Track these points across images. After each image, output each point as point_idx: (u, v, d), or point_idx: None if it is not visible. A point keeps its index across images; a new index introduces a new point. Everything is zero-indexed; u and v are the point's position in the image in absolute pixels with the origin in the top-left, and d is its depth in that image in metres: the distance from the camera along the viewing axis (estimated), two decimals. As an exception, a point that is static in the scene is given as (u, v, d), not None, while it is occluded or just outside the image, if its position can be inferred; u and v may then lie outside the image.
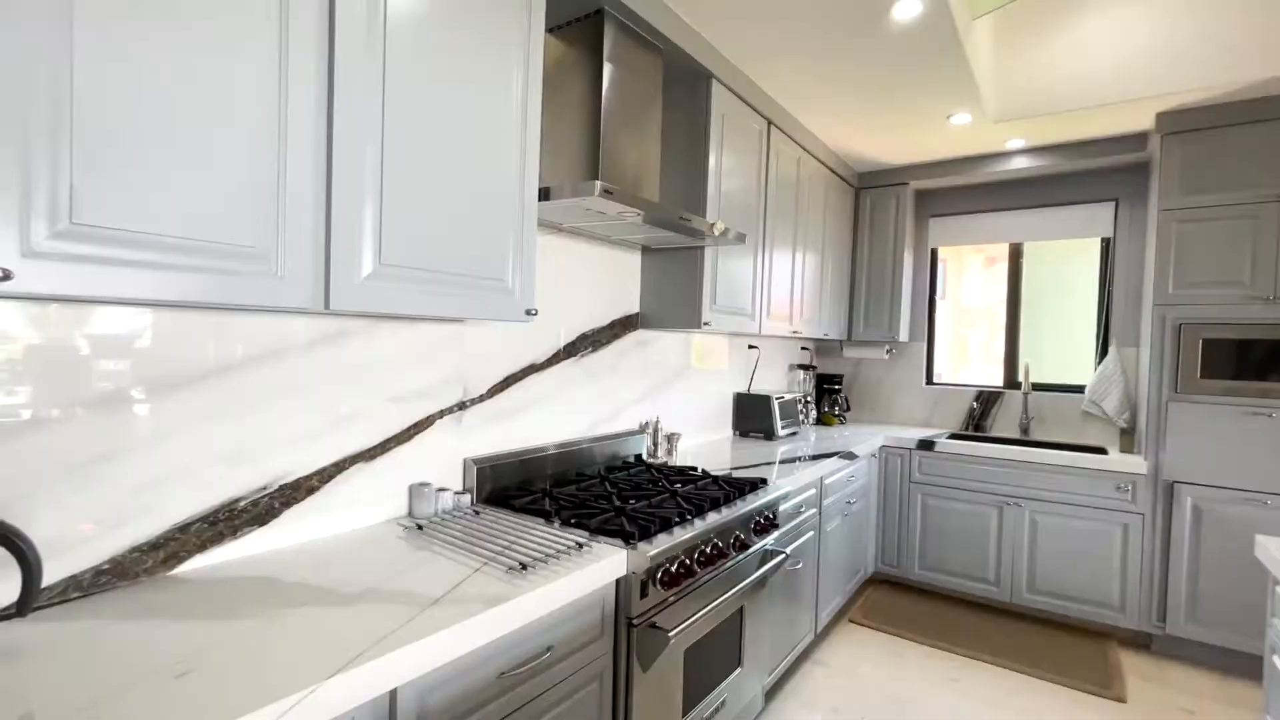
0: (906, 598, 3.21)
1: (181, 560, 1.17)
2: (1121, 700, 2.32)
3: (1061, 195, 3.36)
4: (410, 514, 1.56)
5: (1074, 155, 3.09)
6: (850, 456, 2.75)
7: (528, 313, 1.45)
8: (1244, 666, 2.52)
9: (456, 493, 1.63)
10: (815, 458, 2.56)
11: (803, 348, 3.91)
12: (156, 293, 0.86)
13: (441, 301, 1.25)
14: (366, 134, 1.10)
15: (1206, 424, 2.56)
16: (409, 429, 1.56)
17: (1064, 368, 3.45)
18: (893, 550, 3.30)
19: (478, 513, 1.59)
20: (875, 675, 2.47)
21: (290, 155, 1.00)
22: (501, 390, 1.83)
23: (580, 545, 1.34)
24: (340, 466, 1.41)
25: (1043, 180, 3.41)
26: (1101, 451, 3.01)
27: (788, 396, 3.22)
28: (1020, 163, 3.22)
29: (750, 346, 3.28)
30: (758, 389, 3.31)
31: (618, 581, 1.35)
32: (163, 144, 0.86)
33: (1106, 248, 3.31)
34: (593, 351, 2.18)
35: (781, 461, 2.47)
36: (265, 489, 1.28)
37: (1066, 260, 3.48)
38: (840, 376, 3.83)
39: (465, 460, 1.71)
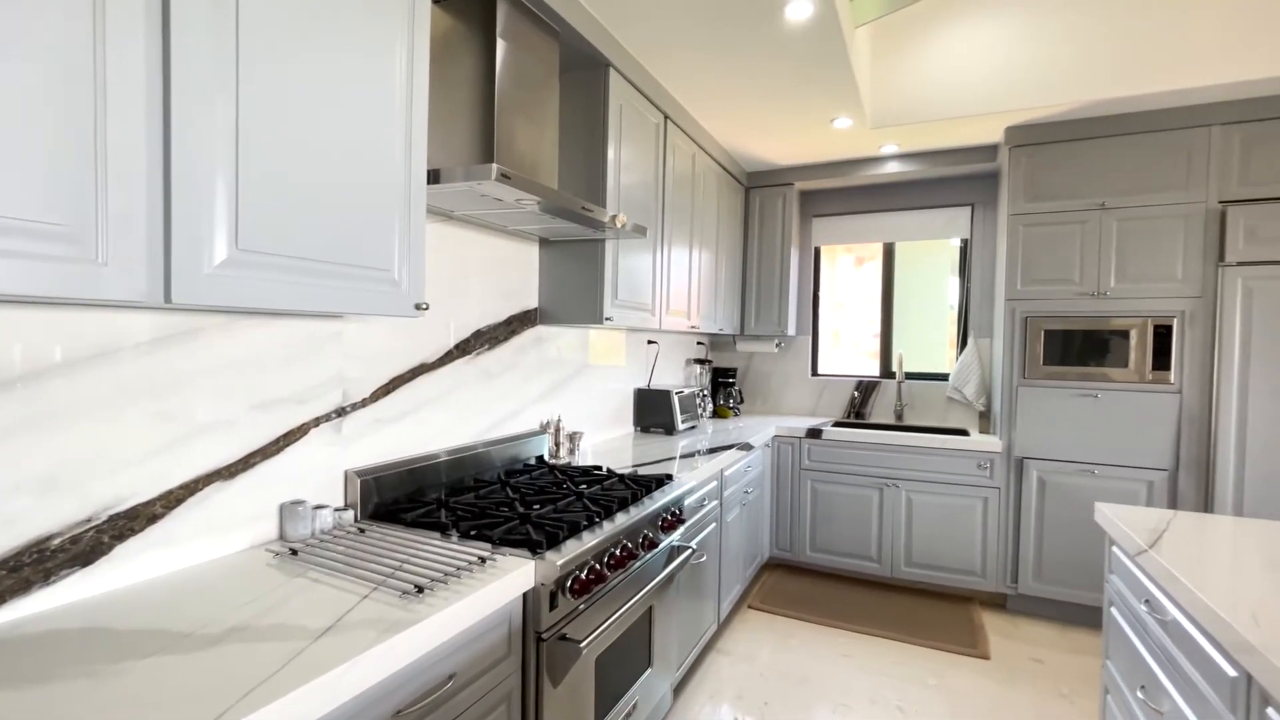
0: (800, 580, 3.36)
1: (-28, 617, 0.93)
2: (986, 657, 2.57)
3: (927, 199, 3.66)
4: (282, 537, 1.37)
5: (938, 162, 3.37)
6: (747, 448, 2.82)
7: (417, 307, 1.32)
8: (1083, 617, 2.89)
9: (337, 509, 1.46)
10: (714, 450, 2.60)
11: (699, 342, 3.98)
12: (-82, 281, 0.67)
13: (315, 294, 1.10)
14: (215, 93, 0.92)
15: (1047, 405, 2.89)
16: (278, 440, 1.37)
17: (931, 358, 3.77)
18: (786, 535, 3.44)
19: (363, 530, 1.43)
20: (774, 658, 2.55)
21: (111, 110, 0.81)
22: (388, 393, 1.67)
23: (483, 559, 1.24)
24: (191, 488, 1.21)
25: (912, 184, 3.70)
26: (964, 433, 3.32)
27: (686, 391, 3.25)
28: (893, 167, 3.47)
29: (649, 342, 3.27)
30: (657, 384, 3.32)
31: (525, 595, 1.26)
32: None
33: (965, 248, 3.65)
34: (489, 349, 2.06)
35: (683, 456, 2.47)
36: (90, 521, 1.06)
37: (932, 259, 3.80)
38: (734, 370, 3.94)
39: (347, 472, 1.54)
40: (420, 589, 1.08)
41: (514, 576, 1.20)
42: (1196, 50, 2.45)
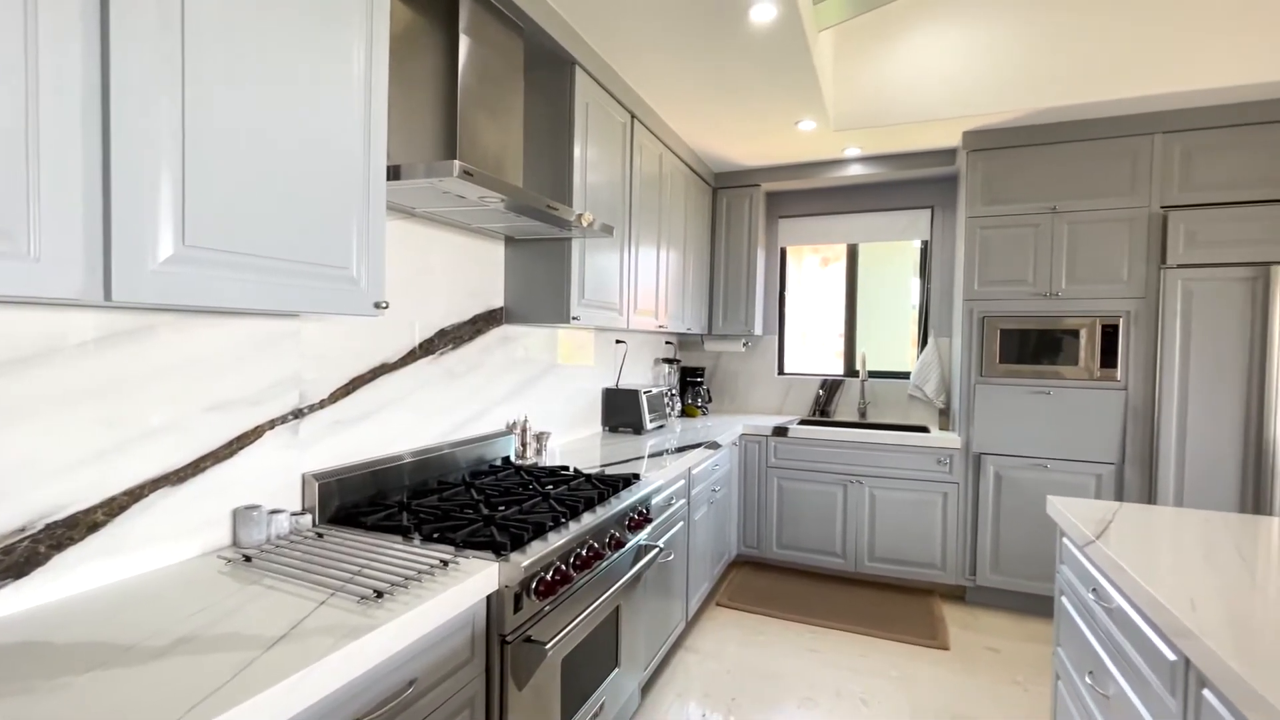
0: (767, 576, 3.40)
1: (-107, 635, 0.88)
2: (945, 648, 2.64)
3: (889, 201, 3.75)
4: (235, 543, 1.33)
5: (899, 165, 3.44)
6: (714, 446, 2.84)
7: (377, 306, 1.29)
8: (1037, 606, 2.99)
9: (294, 514, 1.42)
10: (682, 449, 2.61)
11: (667, 342, 3.99)
12: None
13: (268, 293, 1.06)
14: (158, 89, 0.89)
15: (1003, 402, 2.98)
16: (231, 443, 1.33)
17: (893, 357, 3.86)
18: (753, 532, 3.48)
19: (321, 535, 1.39)
20: (742, 654, 2.58)
21: (44, 105, 0.77)
22: (348, 394, 1.63)
23: (445, 562, 1.22)
24: (136, 494, 1.16)
25: (875, 187, 3.77)
26: (925, 430, 3.40)
27: (655, 390, 3.26)
28: (856, 170, 3.53)
29: (618, 341, 3.27)
30: (626, 383, 3.32)
31: (489, 597, 1.24)
32: None
33: (925, 249, 3.74)
34: (453, 349, 2.03)
35: (651, 455, 2.48)
36: (25, 531, 1.01)
37: (893, 260, 3.88)
38: (702, 369, 3.97)
39: (304, 476, 1.50)
40: (380, 594, 1.06)
41: (477, 579, 1.18)
42: (1141, 62, 2.55)
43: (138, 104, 0.86)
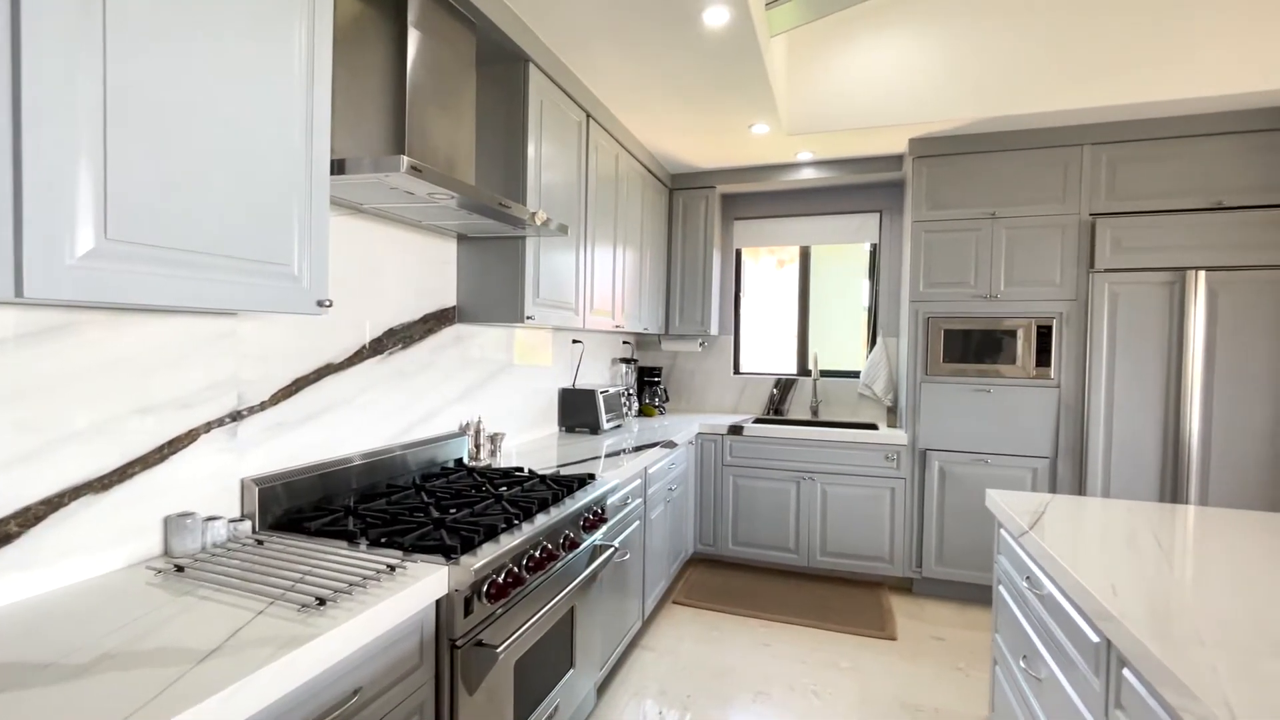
0: (723, 573, 3.44)
1: None
2: (893, 638, 2.73)
3: (840, 205, 3.84)
4: (167, 553, 1.27)
5: (849, 170, 3.54)
6: (670, 445, 2.86)
7: (320, 304, 1.25)
8: (979, 596, 3.12)
9: (232, 521, 1.36)
10: (639, 449, 2.62)
11: (624, 342, 3.99)
12: None
13: (201, 289, 1.01)
14: (75, 72, 0.84)
15: (947, 400, 3.10)
16: (162, 448, 1.26)
17: (845, 356, 3.96)
18: (710, 530, 3.52)
19: (261, 542, 1.34)
20: (697, 651, 2.60)
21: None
22: (290, 395, 1.57)
23: (392, 567, 1.19)
24: (55, 503, 1.09)
25: (826, 191, 3.86)
26: (873, 427, 3.50)
27: (611, 390, 3.26)
28: (808, 174, 3.61)
29: (574, 341, 3.26)
30: (582, 383, 3.30)
31: (438, 602, 1.22)
32: None
33: (874, 252, 3.86)
34: (403, 348, 1.98)
35: (608, 455, 2.48)
36: (-73, 544, 0.93)
37: (845, 262, 3.99)
38: (659, 369, 3.99)
39: (243, 481, 1.44)
40: (322, 601, 1.02)
41: (426, 584, 1.16)
42: (1071, 77, 2.69)
43: (53, 86, 0.81)
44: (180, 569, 1.17)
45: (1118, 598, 1.12)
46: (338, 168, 1.36)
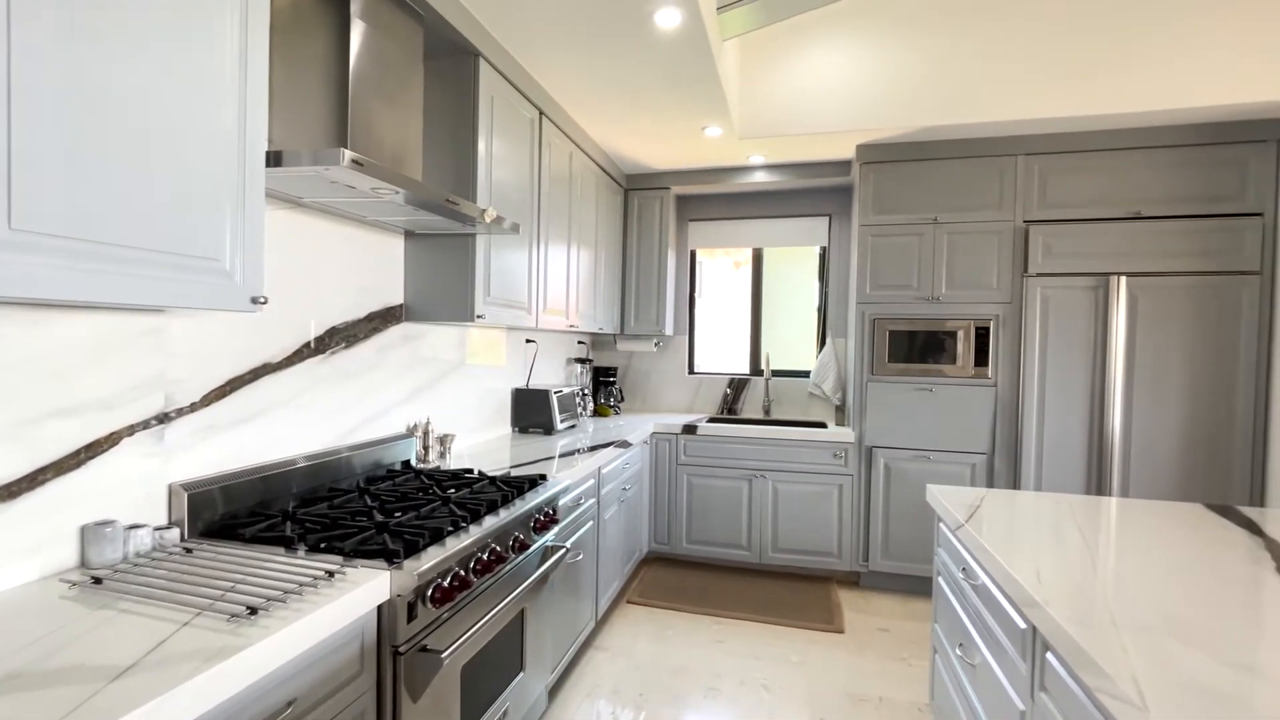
0: (677, 572, 3.46)
1: None
2: (841, 631, 2.80)
3: (792, 208, 3.92)
4: (84, 564, 1.19)
5: (800, 174, 3.61)
6: (625, 445, 2.86)
7: (255, 301, 1.20)
8: (922, 588, 3.23)
9: (159, 529, 1.29)
10: (593, 449, 2.61)
11: (579, 341, 3.98)
12: None
13: (121, 285, 0.96)
14: (-20, 47, 0.78)
15: (892, 399, 3.20)
16: (79, 452, 1.19)
17: (796, 356, 4.05)
18: (664, 529, 3.54)
19: (190, 551, 1.28)
20: (651, 650, 2.61)
21: None
22: (224, 396, 1.51)
23: (331, 573, 1.15)
24: (-44, 513, 1.01)
25: (778, 194, 3.94)
26: (823, 426, 3.59)
27: (566, 390, 3.24)
28: (760, 177, 3.67)
29: (528, 341, 3.22)
30: (536, 384, 3.27)
31: (380, 608, 1.19)
32: None
33: (824, 255, 3.95)
34: (347, 347, 1.92)
35: (561, 455, 2.46)
36: None
37: (797, 264, 4.07)
38: (615, 369, 3.99)
39: (171, 486, 1.36)
40: (254, 610, 0.98)
41: (366, 589, 1.13)
42: (1008, 89, 2.82)
43: (-51, 66, 0.75)
44: (98, 581, 1.10)
45: (1043, 585, 1.18)
46: (274, 160, 1.31)
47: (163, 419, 1.35)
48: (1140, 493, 2.87)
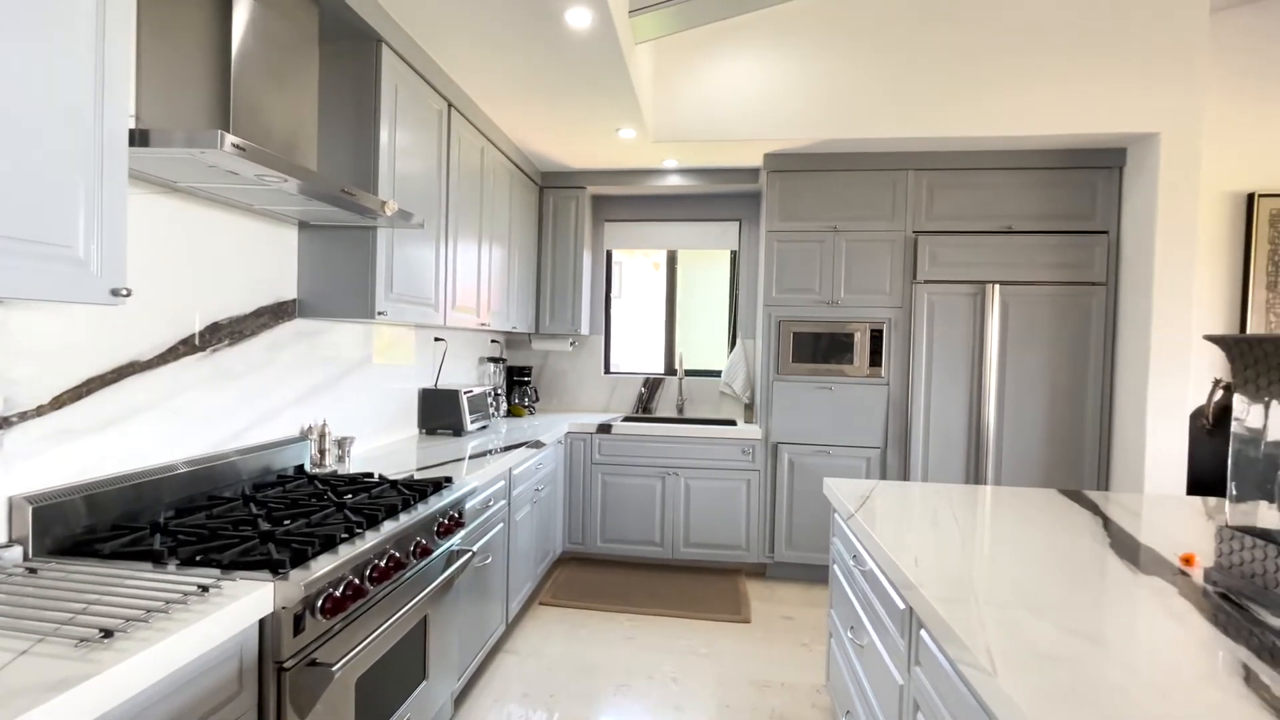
0: (591, 571, 3.47)
1: None
2: (747, 621, 2.90)
3: (705, 212, 4.03)
4: (-102, 591, 1.04)
5: (712, 179, 3.71)
6: (538, 445, 2.83)
7: (116, 293, 1.09)
8: (822, 576, 3.41)
9: (-4, 547, 1.15)
10: (505, 449, 2.57)
11: (493, 340, 3.90)
12: None
13: (-56, 272, 0.85)
14: None
15: (795, 397, 3.36)
16: (-108, 464, 1.04)
17: (710, 356, 4.16)
18: (579, 528, 3.53)
19: (34, 571, 1.14)
20: (562, 650, 2.60)
21: None
22: (81, 398, 1.36)
23: (205, 588, 1.07)
24: None
25: (691, 198, 4.03)
26: (732, 423, 3.71)
27: (477, 390, 3.16)
28: (674, 180, 3.74)
29: (436, 339, 3.12)
30: (445, 383, 3.17)
31: (263, 621, 1.12)
32: None
33: (734, 258, 4.08)
34: (231, 345, 1.78)
35: (471, 457, 2.40)
36: None
37: (710, 267, 4.18)
38: (530, 368, 3.94)
39: (11, 499, 1.22)
40: (108, 633, 0.89)
41: (246, 603, 1.05)
42: (900, 108, 3.02)
43: None
44: (-84, 609, 0.97)
45: (918, 568, 1.28)
46: (140, 139, 1.20)
47: (1, 424, 1.20)
48: (1010, 480, 3.17)
